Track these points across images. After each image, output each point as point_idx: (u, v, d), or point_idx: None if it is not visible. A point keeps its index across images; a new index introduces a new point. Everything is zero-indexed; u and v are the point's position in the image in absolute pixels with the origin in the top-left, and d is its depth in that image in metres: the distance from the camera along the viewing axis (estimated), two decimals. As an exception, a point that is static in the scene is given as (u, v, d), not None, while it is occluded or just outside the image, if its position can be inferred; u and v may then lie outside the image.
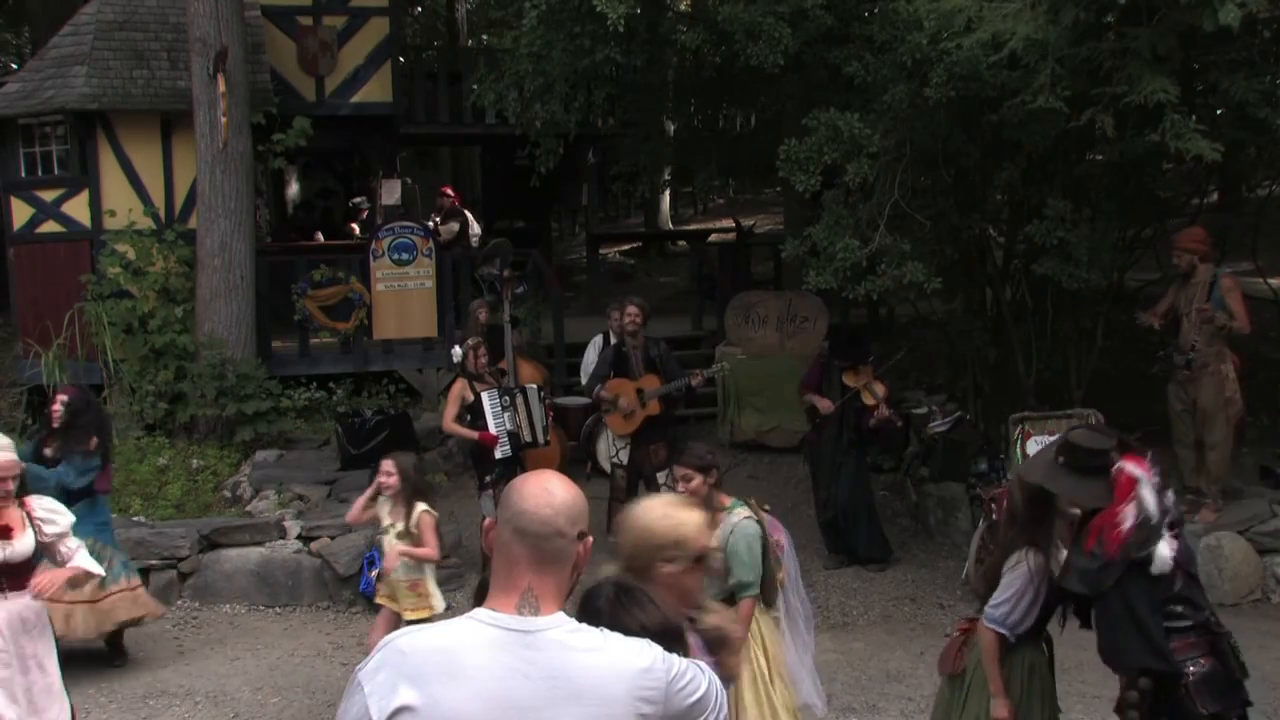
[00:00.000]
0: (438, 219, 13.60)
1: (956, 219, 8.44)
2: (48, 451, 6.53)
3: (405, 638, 2.03)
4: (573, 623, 2.08)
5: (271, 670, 6.77)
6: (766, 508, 4.76)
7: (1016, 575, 3.90)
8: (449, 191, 14.59)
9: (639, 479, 8.34)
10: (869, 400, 7.98)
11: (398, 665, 1.98)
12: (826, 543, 8.35)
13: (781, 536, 4.67)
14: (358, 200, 15.18)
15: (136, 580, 6.87)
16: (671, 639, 2.28)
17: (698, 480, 4.44)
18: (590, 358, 9.48)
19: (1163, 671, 3.51)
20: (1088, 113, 6.71)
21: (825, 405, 8.12)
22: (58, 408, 6.57)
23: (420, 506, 5.74)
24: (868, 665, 6.61)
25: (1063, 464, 3.60)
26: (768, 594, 4.58)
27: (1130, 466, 3.58)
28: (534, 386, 8.29)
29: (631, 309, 8.39)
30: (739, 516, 4.50)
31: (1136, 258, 9.15)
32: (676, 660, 2.15)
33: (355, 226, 14.70)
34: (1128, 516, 3.51)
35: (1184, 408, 7.69)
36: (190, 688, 6.49)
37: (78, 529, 6.63)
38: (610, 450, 8.59)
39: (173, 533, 7.99)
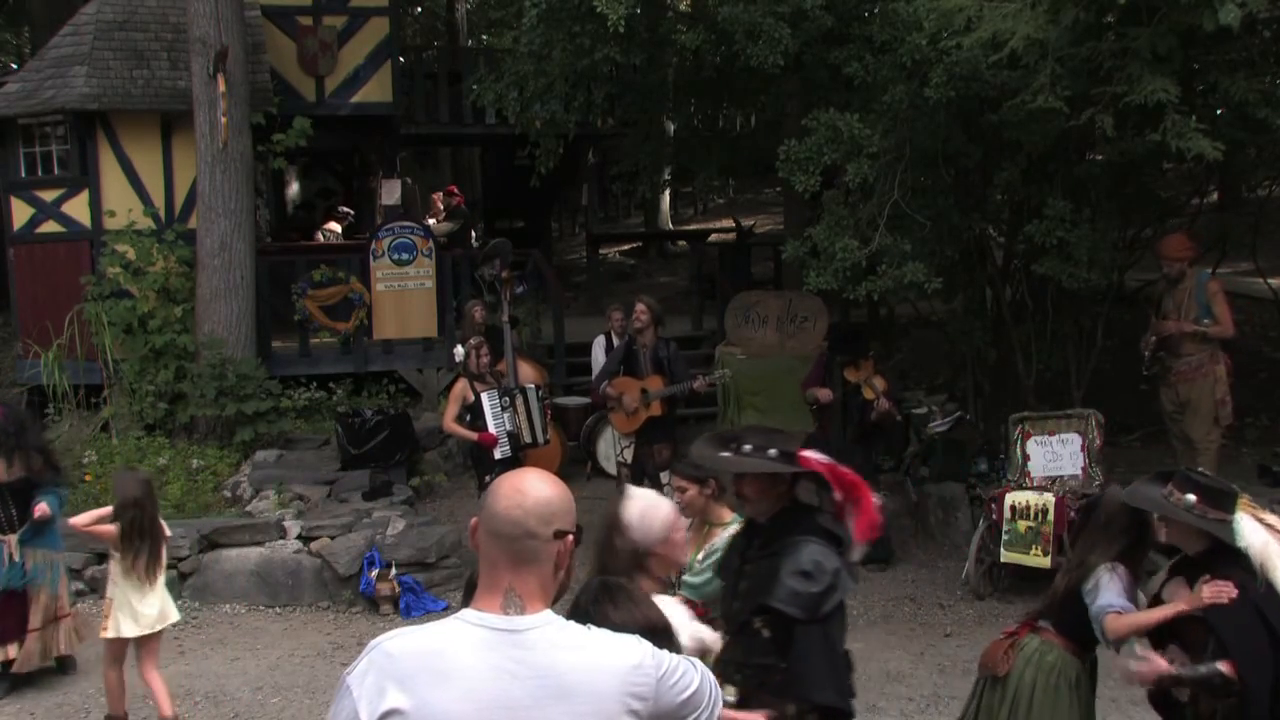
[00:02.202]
0: (436, 221, 13.59)
1: (956, 219, 8.44)
2: None
3: (393, 640, 2.02)
4: (560, 620, 2.07)
5: (271, 670, 6.77)
6: None
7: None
8: (455, 190, 14.60)
9: (643, 478, 8.35)
10: (869, 394, 7.98)
11: (386, 668, 1.97)
12: (827, 542, 8.34)
13: None
14: (344, 209, 15.03)
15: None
16: (660, 636, 2.28)
17: (692, 491, 4.20)
18: (598, 357, 9.50)
19: (840, 711, 3.35)
20: (1088, 113, 6.71)
21: (825, 394, 8.11)
22: None
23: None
24: (868, 665, 6.59)
25: (777, 455, 3.37)
26: None
27: (818, 455, 3.42)
28: (533, 387, 8.30)
29: (639, 306, 8.43)
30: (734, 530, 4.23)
31: (1136, 258, 9.15)
32: (667, 656, 2.15)
33: (336, 225, 14.58)
34: (877, 502, 3.42)
35: (1174, 409, 7.70)
36: (190, 688, 6.49)
37: (50, 542, 6.58)
38: (615, 449, 8.62)
39: (173, 533, 7.96)
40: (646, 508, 3.35)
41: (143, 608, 5.61)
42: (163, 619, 5.72)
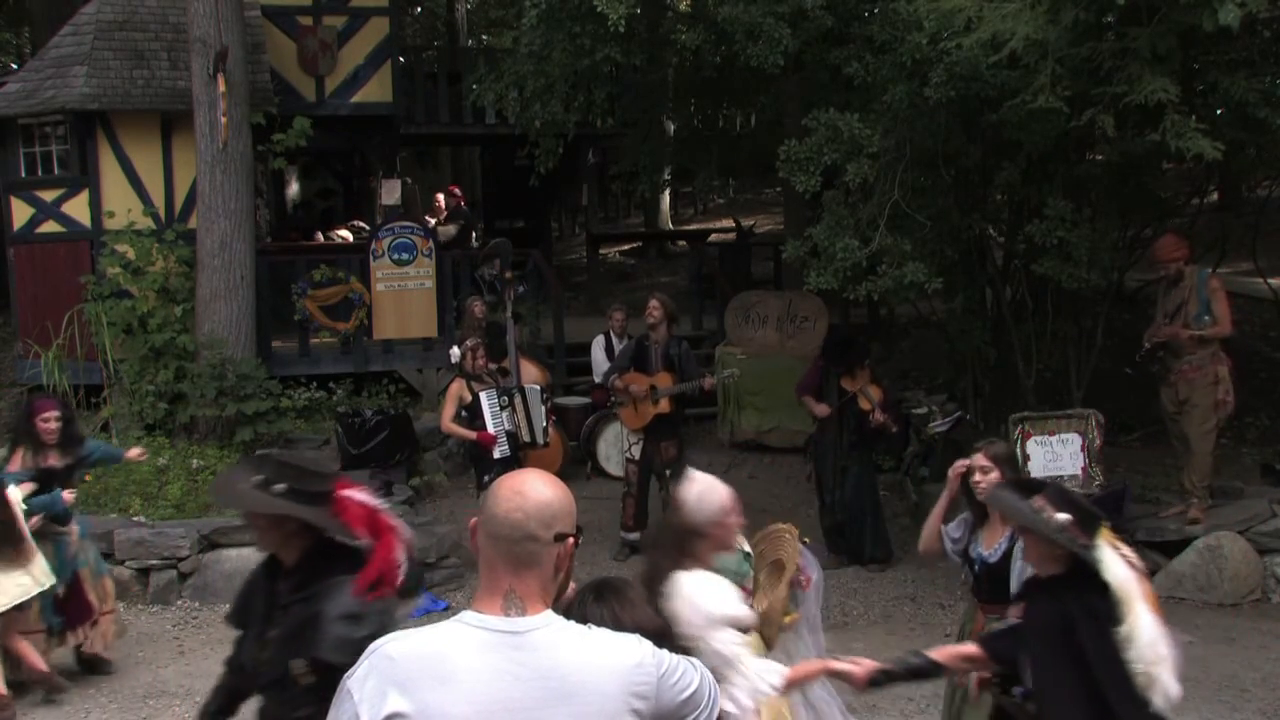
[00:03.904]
0: (437, 221, 13.58)
1: (956, 219, 8.44)
2: (53, 463, 6.34)
3: (393, 644, 2.01)
4: (560, 621, 2.07)
5: (271, 670, 6.76)
6: (806, 540, 4.41)
7: None
8: (456, 190, 14.59)
9: (650, 475, 8.35)
10: (864, 405, 7.98)
11: (386, 671, 1.96)
12: (827, 543, 8.35)
13: (812, 574, 4.27)
14: (360, 224, 15.03)
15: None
16: (658, 636, 2.27)
17: None
18: (598, 357, 9.50)
19: None
20: (1088, 113, 6.71)
21: (821, 410, 8.11)
22: (52, 425, 6.31)
23: None
24: (868, 665, 6.60)
25: (284, 490, 3.01)
26: (764, 633, 4.21)
27: (359, 494, 3.14)
28: (536, 387, 8.30)
29: (652, 302, 8.45)
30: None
31: (1136, 258, 9.15)
32: (667, 656, 2.14)
33: (348, 234, 14.57)
34: (400, 557, 3.04)
35: (1175, 409, 7.67)
36: (190, 688, 6.48)
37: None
38: (624, 446, 8.62)
39: (173, 533, 7.98)
40: (705, 489, 3.45)
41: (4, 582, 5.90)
42: (20, 594, 5.93)
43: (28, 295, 10.99)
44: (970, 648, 3.65)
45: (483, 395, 7.87)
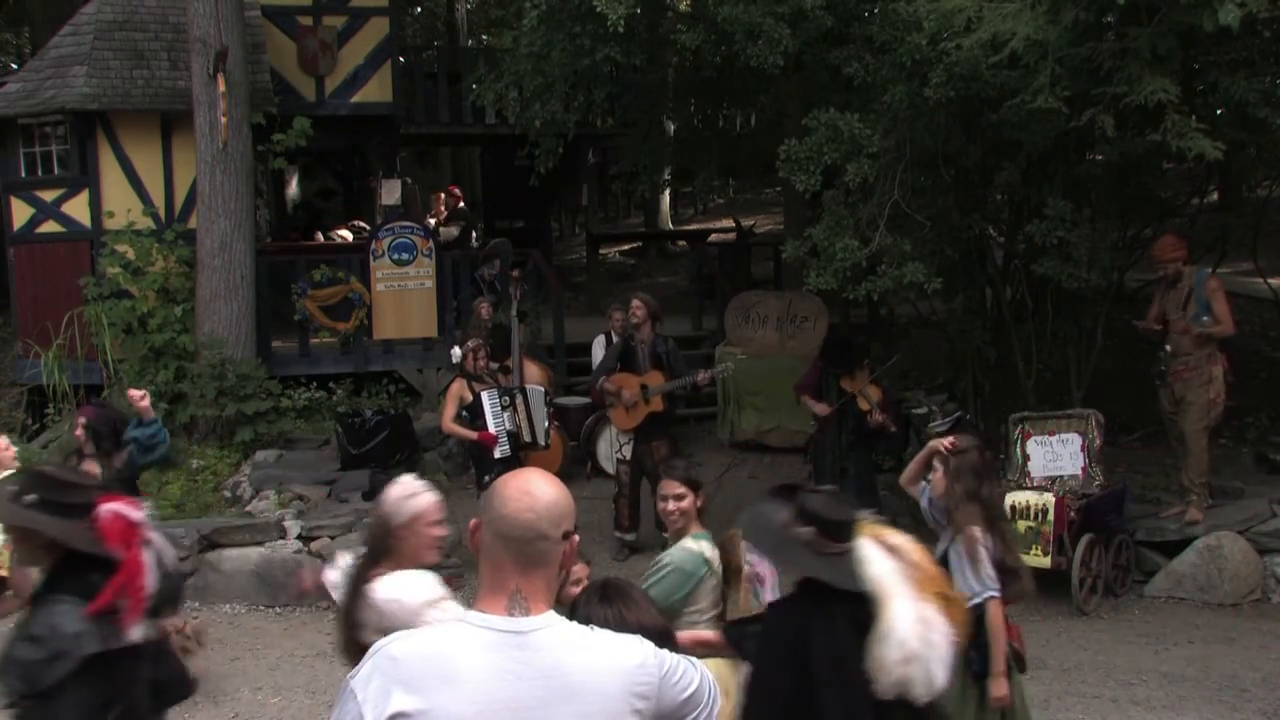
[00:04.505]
0: (437, 221, 13.59)
1: (956, 219, 8.44)
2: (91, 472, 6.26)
3: (397, 643, 2.02)
4: (564, 621, 2.08)
5: (271, 670, 6.77)
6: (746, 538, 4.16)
7: None
8: (456, 190, 14.59)
9: (642, 475, 8.35)
10: (863, 405, 7.98)
11: (390, 672, 1.97)
12: (827, 543, 8.34)
13: (764, 570, 4.08)
14: (360, 224, 15.05)
15: None
16: (660, 637, 2.28)
17: (689, 499, 4.05)
18: (598, 357, 9.50)
19: None
20: (1088, 113, 6.71)
21: (821, 409, 8.11)
22: (77, 431, 6.05)
23: None
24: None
25: (33, 502, 2.91)
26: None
27: (120, 508, 3.06)
28: (539, 389, 8.29)
29: (635, 302, 8.43)
30: (692, 544, 4.04)
31: (1136, 258, 9.15)
32: (668, 655, 2.16)
33: (348, 234, 14.58)
34: (148, 570, 2.96)
35: (1172, 408, 7.69)
36: (190, 688, 6.49)
37: None
38: (614, 446, 8.62)
39: (173, 533, 7.95)
40: (407, 493, 3.40)
41: None
42: None
43: (28, 295, 11.00)
44: (709, 634, 3.67)
45: (484, 395, 7.87)
